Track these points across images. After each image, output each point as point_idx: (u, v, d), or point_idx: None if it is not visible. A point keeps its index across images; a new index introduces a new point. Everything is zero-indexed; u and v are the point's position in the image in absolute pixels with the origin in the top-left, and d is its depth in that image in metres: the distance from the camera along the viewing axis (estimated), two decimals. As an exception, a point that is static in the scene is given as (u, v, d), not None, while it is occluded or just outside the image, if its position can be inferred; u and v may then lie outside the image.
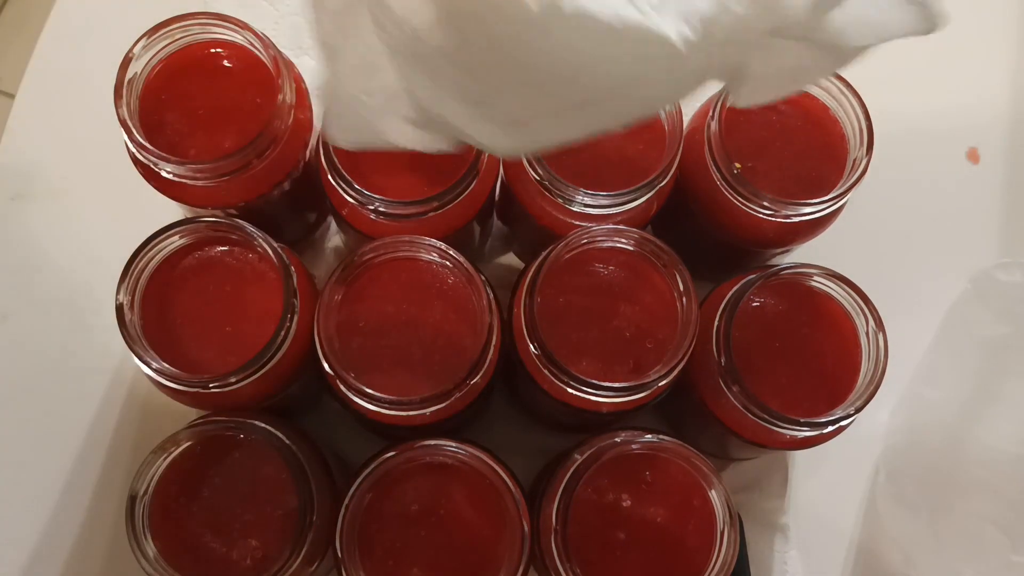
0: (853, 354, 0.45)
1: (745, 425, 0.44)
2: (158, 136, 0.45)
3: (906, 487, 0.54)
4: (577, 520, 0.42)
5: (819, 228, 0.48)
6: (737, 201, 0.45)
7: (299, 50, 0.61)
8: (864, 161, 0.46)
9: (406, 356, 0.43)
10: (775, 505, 0.56)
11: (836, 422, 0.43)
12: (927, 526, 0.52)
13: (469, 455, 0.42)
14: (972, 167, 0.63)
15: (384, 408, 0.41)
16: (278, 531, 0.42)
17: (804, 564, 0.55)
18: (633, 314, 0.44)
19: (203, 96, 0.46)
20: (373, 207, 0.43)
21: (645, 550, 0.43)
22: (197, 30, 0.45)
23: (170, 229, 0.43)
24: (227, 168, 0.43)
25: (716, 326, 0.44)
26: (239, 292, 0.44)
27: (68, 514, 0.53)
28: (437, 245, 0.43)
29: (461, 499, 0.43)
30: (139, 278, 0.43)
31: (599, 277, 0.45)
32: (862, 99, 0.46)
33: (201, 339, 0.44)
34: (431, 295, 0.44)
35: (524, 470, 0.50)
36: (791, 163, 0.48)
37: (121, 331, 0.42)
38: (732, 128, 0.47)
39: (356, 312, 0.43)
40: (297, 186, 0.48)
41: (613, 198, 0.44)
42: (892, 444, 0.56)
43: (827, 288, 0.45)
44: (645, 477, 0.43)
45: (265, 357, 0.42)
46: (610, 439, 0.43)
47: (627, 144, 0.47)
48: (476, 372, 0.41)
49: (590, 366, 0.43)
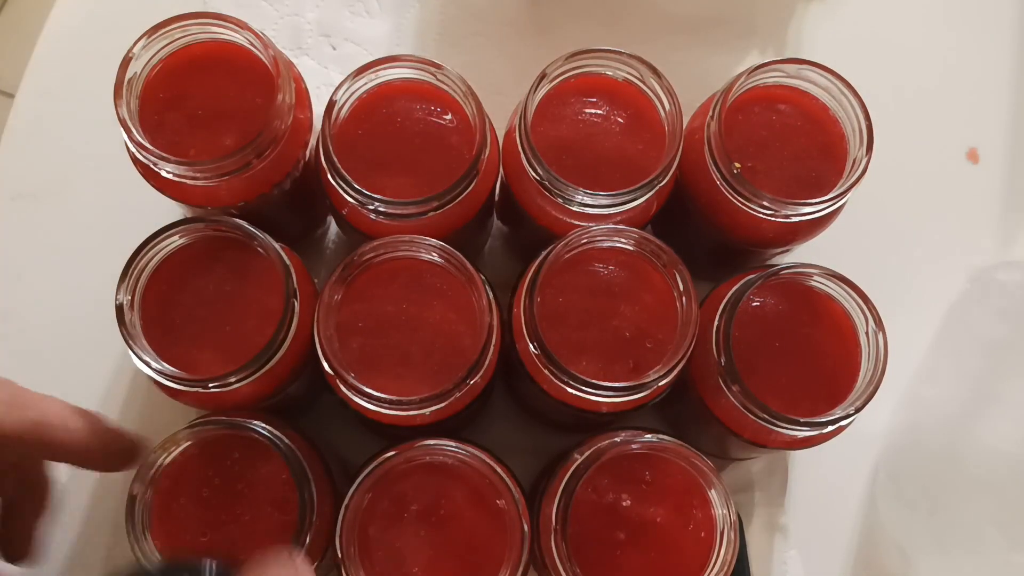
0: (853, 354, 0.45)
1: (745, 425, 0.44)
2: (158, 136, 0.45)
3: (906, 487, 0.54)
4: (577, 520, 0.42)
5: (819, 228, 0.48)
6: (737, 201, 0.45)
7: (299, 50, 0.62)
8: (864, 161, 0.46)
9: (406, 356, 0.43)
10: (775, 505, 0.56)
11: (836, 422, 0.43)
12: (927, 526, 0.52)
13: (469, 455, 0.42)
14: (972, 167, 0.63)
15: (384, 408, 0.41)
16: (277, 531, 0.42)
17: (804, 564, 0.55)
18: (633, 314, 0.44)
19: (203, 96, 0.46)
20: (373, 207, 0.43)
21: (645, 550, 0.43)
22: (197, 30, 0.45)
23: (170, 229, 0.43)
24: (227, 168, 0.43)
25: (716, 326, 0.44)
26: (239, 292, 0.44)
27: (68, 514, 0.53)
28: (437, 245, 0.43)
29: (461, 499, 0.43)
30: (139, 278, 0.43)
31: (599, 277, 0.45)
32: (862, 99, 0.46)
33: (201, 339, 0.44)
34: (431, 295, 0.44)
35: (524, 470, 0.50)
36: (791, 163, 0.48)
37: (121, 331, 0.42)
38: (732, 128, 0.47)
39: (356, 312, 0.43)
40: (297, 186, 0.48)
41: (613, 198, 0.44)
42: (892, 444, 0.56)
43: (827, 288, 0.45)
44: (645, 477, 0.43)
45: (265, 357, 0.42)
46: (610, 439, 0.43)
47: (627, 144, 0.47)
48: (476, 372, 0.41)
49: (590, 366, 0.43)
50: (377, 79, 0.46)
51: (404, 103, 0.46)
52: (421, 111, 0.46)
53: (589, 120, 0.47)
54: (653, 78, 0.46)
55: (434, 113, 0.47)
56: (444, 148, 0.46)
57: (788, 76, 0.48)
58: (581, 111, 0.47)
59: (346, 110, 0.46)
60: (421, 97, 0.47)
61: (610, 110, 0.47)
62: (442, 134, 0.46)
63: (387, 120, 0.46)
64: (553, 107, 0.47)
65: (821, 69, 0.47)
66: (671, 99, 0.45)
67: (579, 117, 0.47)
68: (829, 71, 0.47)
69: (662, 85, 0.45)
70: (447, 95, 0.46)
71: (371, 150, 0.46)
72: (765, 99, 0.48)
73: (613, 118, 0.47)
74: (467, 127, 0.46)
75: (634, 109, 0.47)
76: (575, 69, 0.46)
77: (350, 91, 0.45)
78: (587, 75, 0.47)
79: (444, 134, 0.46)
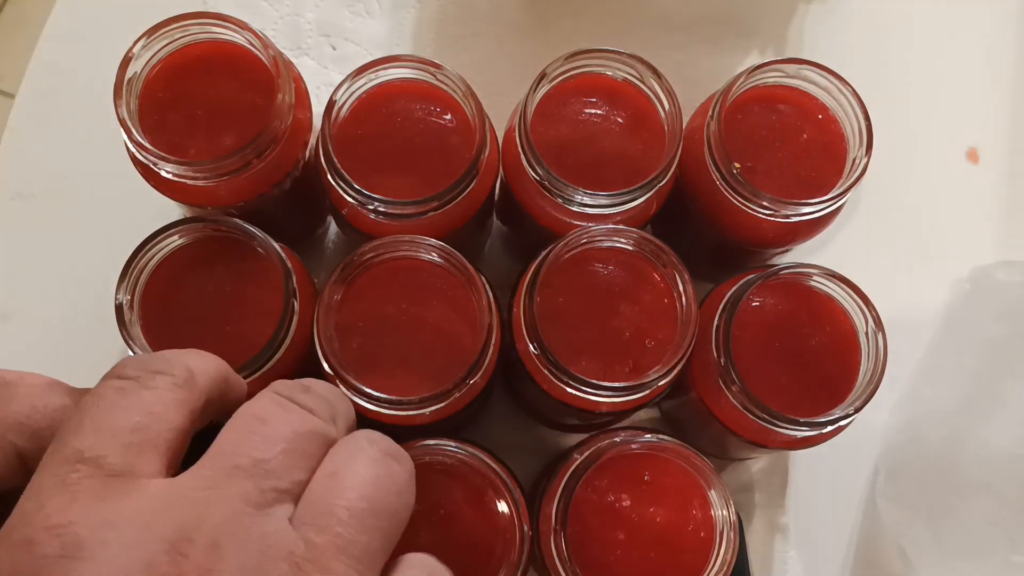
0: (853, 354, 0.45)
1: (745, 425, 0.44)
2: (158, 136, 0.45)
3: (906, 487, 0.54)
4: (577, 520, 0.42)
5: (819, 228, 0.48)
6: (737, 201, 0.45)
7: (299, 50, 0.62)
8: (863, 161, 0.46)
9: (406, 356, 0.43)
10: (775, 505, 0.56)
11: (836, 422, 0.43)
12: (927, 526, 0.52)
13: (469, 455, 0.42)
14: (972, 167, 0.63)
15: (384, 408, 0.41)
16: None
17: (804, 564, 0.55)
18: (632, 314, 0.44)
19: (203, 96, 0.46)
20: (373, 207, 0.43)
21: (645, 550, 0.43)
22: (196, 30, 0.45)
23: (170, 229, 0.43)
24: (227, 168, 0.43)
25: (716, 326, 0.44)
26: (239, 292, 0.44)
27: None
28: (437, 245, 0.43)
29: (461, 499, 0.43)
30: (139, 278, 0.43)
31: (598, 277, 0.45)
32: (861, 99, 0.46)
33: (201, 339, 0.44)
34: (431, 295, 0.44)
35: (524, 470, 0.50)
36: (791, 163, 0.48)
37: (121, 331, 0.42)
38: (732, 128, 0.47)
39: (356, 312, 0.43)
40: (297, 186, 0.48)
41: (612, 198, 0.44)
42: (892, 444, 0.56)
43: (827, 288, 0.45)
44: (645, 477, 0.43)
45: (265, 357, 0.42)
46: (610, 439, 0.43)
47: (627, 144, 0.47)
48: (476, 372, 0.41)
49: (589, 366, 0.43)
50: (377, 79, 0.46)
51: (404, 103, 0.46)
52: (421, 111, 0.46)
53: (589, 120, 0.47)
54: (653, 78, 0.46)
55: (434, 113, 0.47)
56: (444, 148, 0.46)
57: (788, 76, 0.48)
58: (581, 111, 0.47)
59: (346, 110, 0.46)
60: (421, 97, 0.47)
61: (610, 110, 0.47)
62: (442, 134, 0.46)
63: (387, 120, 0.46)
64: (553, 107, 0.47)
65: (821, 69, 0.47)
66: (671, 99, 0.45)
67: (579, 117, 0.47)
68: (829, 71, 0.47)
69: (662, 85, 0.45)
70: (447, 95, 0.46)
71: (371, 150, 0.46)
72: (765, 99, 0.48)
73: (613, 118, 0.47)
74: (467, 127, 0.46)
75: (634, 109, 0.47)
76: (575, 69, 0.46)
77: (350, 91, 0.45)
78: (587, 75, 0.47)
79: (444, 134, 0.46)
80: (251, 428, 0.29)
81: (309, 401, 0.31)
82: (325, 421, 0.31)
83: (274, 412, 0.30)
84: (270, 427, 0.29)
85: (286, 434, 0.29)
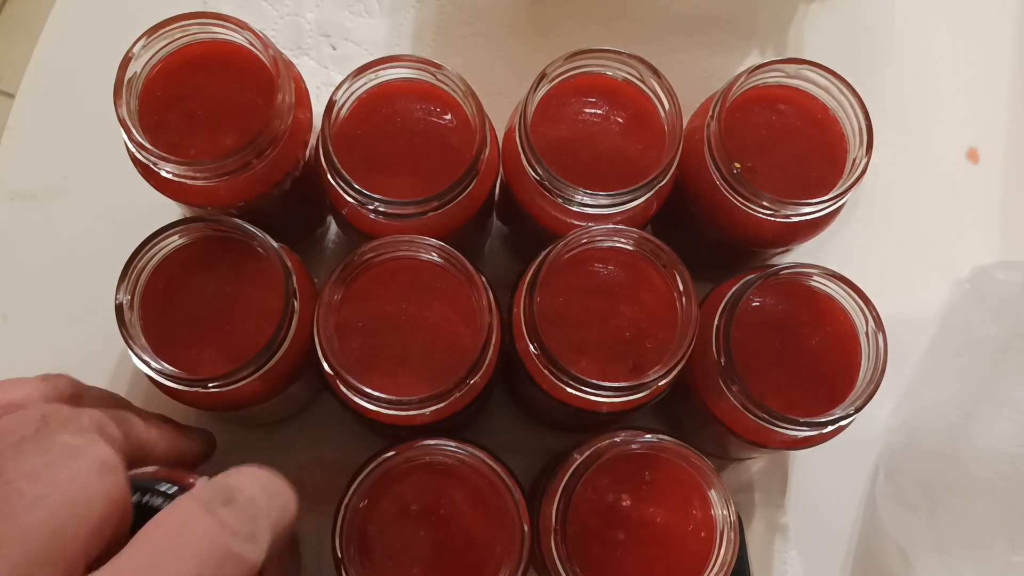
0: (853, 354, 0.45)
1: (745, 425, 0.44)
2: (158, 136, 0.45)
3: (906, 487, 0.54)
4: (577, 520, 0.42)
5: (819, 228, 0.48)
6: (737, 201, 0.45)
7: (299, 50, 0.62)
8: (864, 161, 0.46)
9: (406, 356, 0.43)
10: (775, 505, 0.56)
11: (836, 422, 0.43)
12: (927, 526, 0.52)
13: (469, 455, 0.42)
14: (972, 167, 0.63)
15: (384, 408, 0.41)
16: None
17: (804, 564, 0.55)
18: (633, 314, 0.44)
19: (203, 96, 0.46)
20: (373, 207, 0.43)
21: (645, 550, 0.43)
22: (196, 30, 0.45)
23: (170, 229, 0.43)
24: (227, 168, 0.43)
25: (716, 326, 0.44)
26: (239, 292, 0.44)
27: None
28: (437, 245, 0.43)
29: (461, 499, 0.43)
30: (138, 278, 0.43)
31: (599, 277, 0.45)
32: (861, 99, 0.46)
33: (201, 339, 0.44)
34: (431, 295, 0.44)
35: (524, 470, 0.50)
36: (791, 163, 0.48)
37: (120, 331, 0.42)
38: (732, 128, 0.47)
39: (356, 312, 0.43)
40: (297, 186, 0.48)
41: (613, 198, 0.44)
42: (892, 444, 0.56)
43: (827, 288, 0.45)
44: (645, 477, 0.43)
45: (265, 357, 0.42)
46: (610, 439, 0.43)
47: (627, 144, 0.47)
48: (476, 372, 0.41)
49: (589, 366, 0.43)
50: (377, 79, 0.46)
51: (404, 103, 0.46)
52: (421, 111, 0.46)
53: (589, 120, 0.47)
54: (653, 78, 0.46)
55: (434, 113, 0.47)
56: (444, 148, 0.46)
57: (788, 76, 0.48)
58: (581, 111, 0.47)
59: (346, 110, 0.46)
60: (421, 97, 0.47)
61: (610, 110, 0.47)
62: (442, 134, 0.46)
63: (387, 120, 0.46)
64: (553, 107, 0.47)
65: (821, 69, 0.47)
66: (671, 99, 0.45)
67: (579, 117, 0.47)
68: (829, 71, 0.47)
69: (662, 85, 0.45)
70: (447, 95, 0.46)
71: (371, 150, 0.46)
72: (765, 99, 0.49)
73: (613, 118, 0.47)
74: (467, 127, 0.46)
75: (634, 109, 0.47)
76: (575, 69, 0.46)
77: (350, 91, 0.45)
78: (587, 75, 0.47)
79: (444, 134, 0.46)
80: (159, 548, 0.28)
81: (228, 516, 0.29)
82: (243, 539, 0.29)
83: (187, 528, 0.28)
84: (176, 552, 0.27)
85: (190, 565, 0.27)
